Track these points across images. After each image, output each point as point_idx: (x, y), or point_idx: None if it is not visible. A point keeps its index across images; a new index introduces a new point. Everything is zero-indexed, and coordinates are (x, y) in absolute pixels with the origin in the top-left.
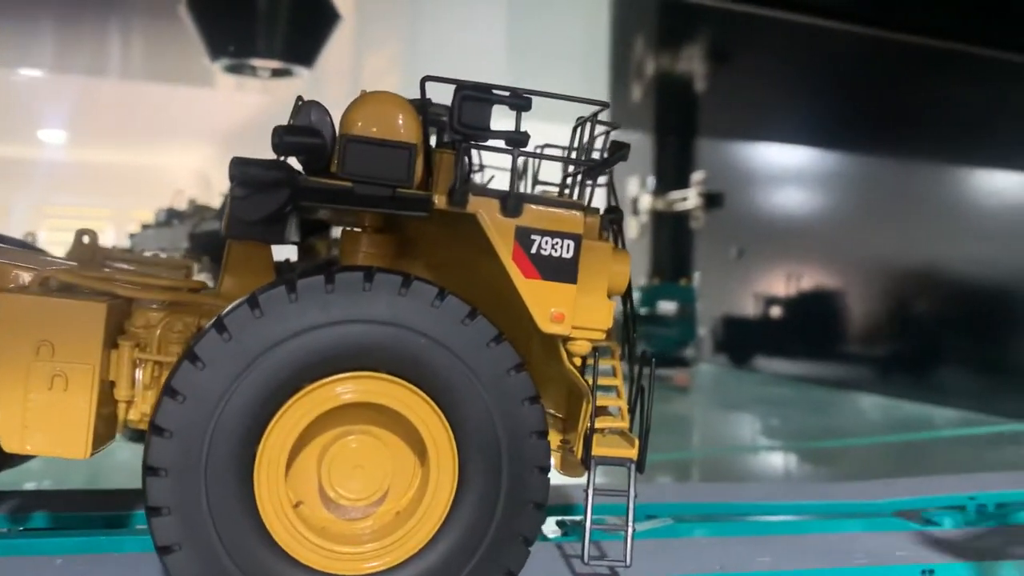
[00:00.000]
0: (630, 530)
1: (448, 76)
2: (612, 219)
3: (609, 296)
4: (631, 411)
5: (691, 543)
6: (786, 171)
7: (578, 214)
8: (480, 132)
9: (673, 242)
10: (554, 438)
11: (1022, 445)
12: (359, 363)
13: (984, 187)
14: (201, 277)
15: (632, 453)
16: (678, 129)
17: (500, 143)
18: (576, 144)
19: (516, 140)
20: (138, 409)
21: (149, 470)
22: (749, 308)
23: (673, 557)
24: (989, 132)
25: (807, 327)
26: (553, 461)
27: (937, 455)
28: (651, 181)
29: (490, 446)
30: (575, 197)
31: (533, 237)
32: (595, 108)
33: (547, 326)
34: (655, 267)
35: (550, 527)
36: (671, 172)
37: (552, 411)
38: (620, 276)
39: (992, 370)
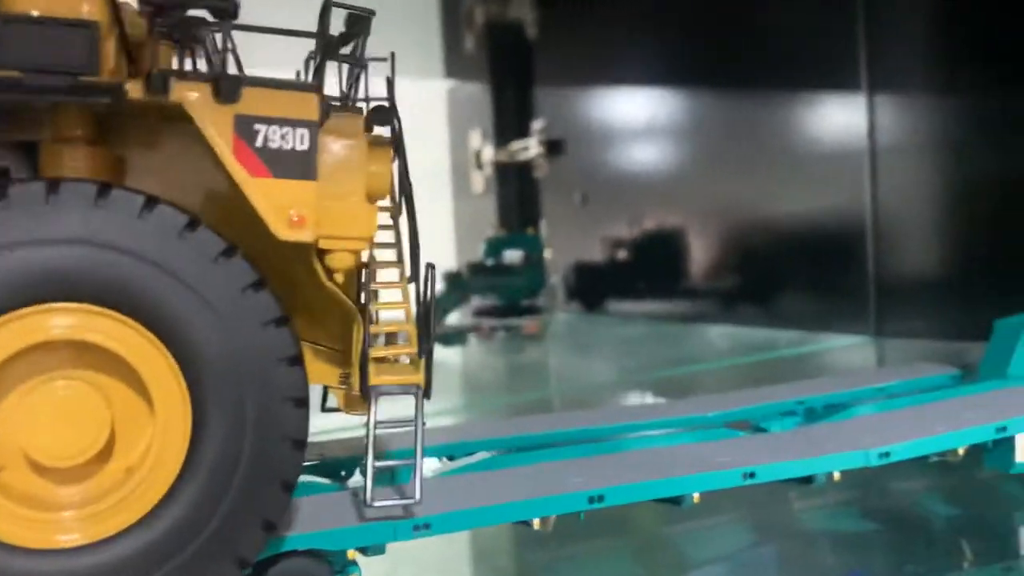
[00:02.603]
0: (419, 463)
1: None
2: (380, 119)
3: (371, 200)
4: (421, 335)
5: (502, 475)
6: (625, 115)
7: (312, 96)
8: (173, 4)
9: (518, 192)
10: (331, 373)
11: (853, 355)
12: (51, 293)
13: (814, 122)
14: None
15: (416, 379)
16: (515, 78)
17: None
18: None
19: (220, 9)
20: None
21: None
22: (598, 253)
23: (478, 490)
24: (814, 63)
25: (655, 267)
26: (336, 400)
27: (781, 372)
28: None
29: (229, 380)
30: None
31: (257, 127)
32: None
33: (284, 231)
34: (502, 218)
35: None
36: (511, 122)
37: (327, 343)
38: (379, 177)
39: (826, 293)
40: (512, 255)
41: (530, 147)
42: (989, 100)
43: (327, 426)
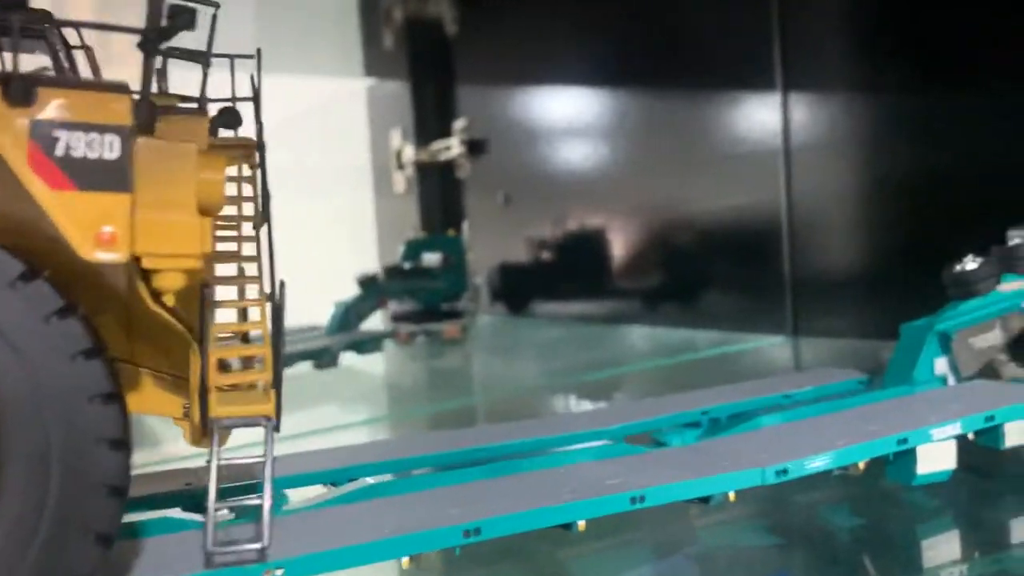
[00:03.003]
0: (266, 504)
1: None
2: (226, 122)
3: (204, 212)
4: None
5: (374, 506)
6: (547, 114)
7: (122, 98)
8: None
9: (441, 193)
10: (175, 403)
11: (769, 356)
12: None
13: (732, 122)
14: None
15: (265, 409)
16: (435, 76)
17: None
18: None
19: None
20: None
21: None
22: (522, 254)
23: (344, 526)
24: (731, 62)
25: (579, 268)
26: (183, 433)
27: (698, 374)
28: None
29: (29, 421)
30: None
31: (57, 133)
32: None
33: (90, 250)
34: (425, 219)
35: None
36: (432, 121)
37: (170, 371)
38: (212, 186)
39: (745, 293)
40: (431, 257)
41: (452, 147)
42: (903, 99)
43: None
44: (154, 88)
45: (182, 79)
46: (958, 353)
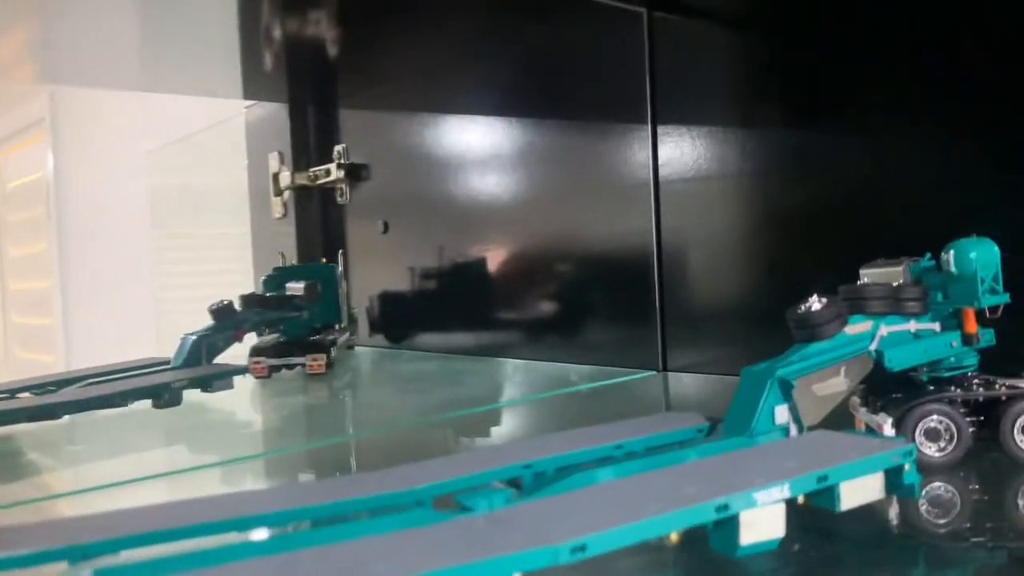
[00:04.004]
0: None
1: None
2: None
3: None
4: None
5: None
6: (430, 141)
7: None
8: None
9: (320, 219)
10: None
11: (634, 392)
12: None
13: (610, 156)
14: None
15: None
16: (315, 99)
17: None
18: None
19: None
20: None
21: None
22: (402, 284)
23: None
24: (606, 96)
25: (460, 300)
26: None
27: (565, 410)
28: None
29: None
30: None
31: None
32: None
33: None
34: (302, 246)
35: None
36: (311, 145)
37: None
38: None
39: (619, 326)
40: (295, 286)
41: (331, 171)
42: (772, 135)
43: None
44: None
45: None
46: (800, 401)
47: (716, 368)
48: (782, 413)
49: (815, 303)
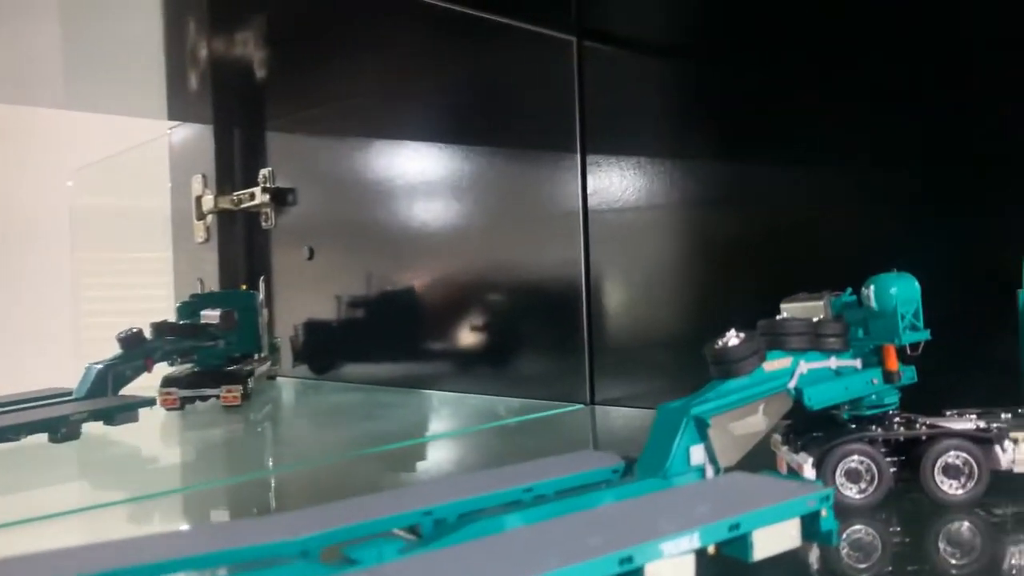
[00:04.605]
0: None
1: None
2: None
3: None
4: None
5: None
6: (359, 166)
7: None
8: None
9: (244, 244)
10: None
11: (568, 426)
12: None
13: (542, 186)
14: None
15: None
16: (241, 121)
17: None
18: None
19: None
20: None
21: None
22: (329, 313)
23: None
24: (537, 125)
25: (388, 330)
26: None
27: (488, 445)
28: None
29: None
30: None
31: None
32: None
33: None
34: (225, 272)
35: None
36: (236, 168)
37: None
38: None
39: (548, 359)
40: (211, 314)
41: (255, 195)
42: (703, 165)
43: None
44: None
45: None
46: (716, 441)
47: (644, 401)
48: (698, 453)
49: (732, 338)
